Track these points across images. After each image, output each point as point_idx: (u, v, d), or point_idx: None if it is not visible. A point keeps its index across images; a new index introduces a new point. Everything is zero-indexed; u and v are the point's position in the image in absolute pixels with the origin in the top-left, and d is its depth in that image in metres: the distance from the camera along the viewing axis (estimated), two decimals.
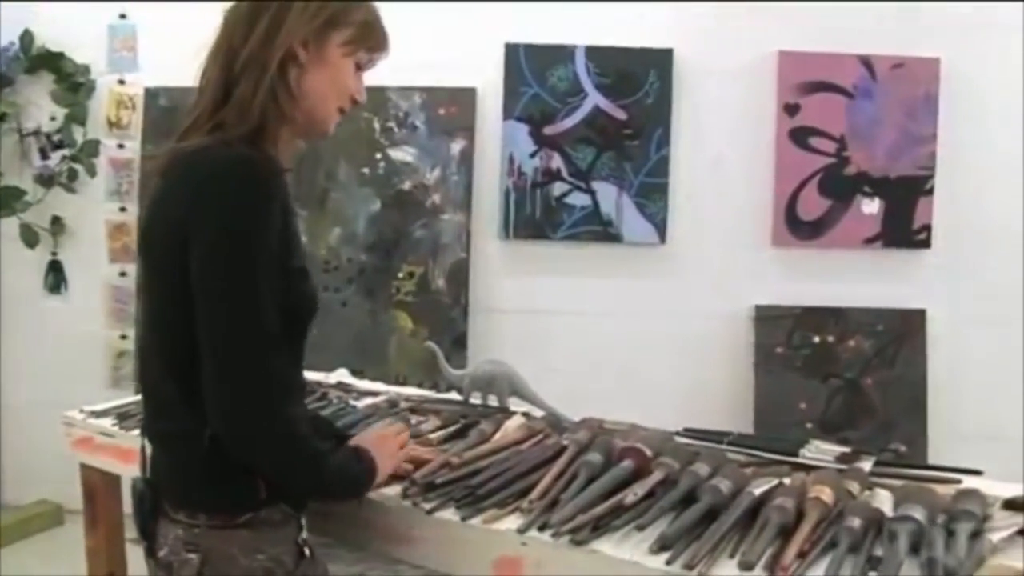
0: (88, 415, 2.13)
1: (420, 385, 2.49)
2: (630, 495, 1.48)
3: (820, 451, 1.80)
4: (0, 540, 3.64)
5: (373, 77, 3.54)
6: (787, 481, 1.59)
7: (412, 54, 3.51)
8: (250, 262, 1.26)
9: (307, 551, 1.41)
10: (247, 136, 1.33)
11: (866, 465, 1.75)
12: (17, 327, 3.91)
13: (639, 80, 3.48)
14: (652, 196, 3.52)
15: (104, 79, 3.78)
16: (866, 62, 3.41)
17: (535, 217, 3.57)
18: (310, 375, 2.44)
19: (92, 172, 3.75)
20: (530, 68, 3.52)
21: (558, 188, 3.55)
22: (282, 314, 1.31)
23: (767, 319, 3.50)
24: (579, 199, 3.55)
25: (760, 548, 1.33)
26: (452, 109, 3.59)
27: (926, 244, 3.46)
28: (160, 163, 1.39)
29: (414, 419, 1.98)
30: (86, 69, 3.75)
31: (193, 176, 1.30)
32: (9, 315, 3.93)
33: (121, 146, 3.76)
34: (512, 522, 1.46)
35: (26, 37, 3.75)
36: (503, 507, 1.51)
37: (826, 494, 1.46)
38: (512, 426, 1.83)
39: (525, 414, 2.07)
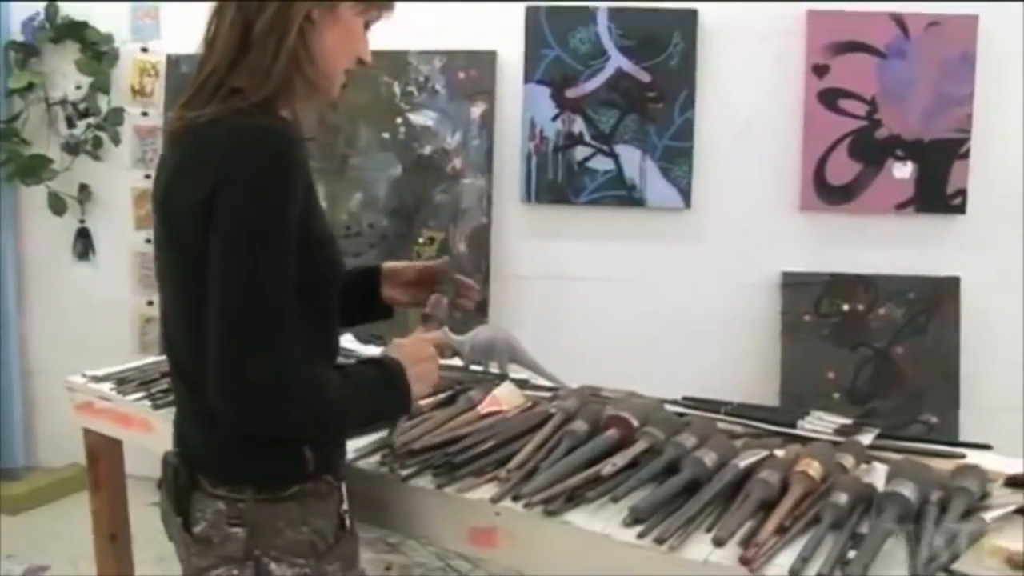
0: (89, 380, 2.14)
1: None
2: (608, 466, 1.44)
3: (820, 423, 1.74)
4: (35, 501, 3.73)
5: (393, 41, 3.53)
6: (780, 454, 1.55)
7: (432, 18, 3.50)
8: (273, 237, 1.22)
9: (347, 522, 1.39)
10: (263, 102, 1.29)
11: (866, 438, 1.69)
12: (46, 294, 3.97)
13: (663, 41, 3.39)
14: (676, 160, 3.44)
15: (127, 48, 3.81)
16: (899, 21, 3.28)
17: (557, 181, 3.51)
18: None
19: (117, 140, 3.77)
20: (551, 30, 3.44)
21: (580, 152, 3.49)
22: (308, 282, 1.29)
23: (794, 286, 3.41)
24: (602, 163, 3.48)
25: (736, 523, 1.29)
26: (472, 72, 3.53)
27: (961, 210, 3.34)
28: (173, 129, 1.35)
29: None
30: (109, 38, 3.77)
31: (216, 148, 1.25)
32: (38, 282, 3.99)
33: (145, 114, 3.78)
34: (488, 491, 1.44)
35: (51, 8, 3.78)
36: (480, 476, 1.49)
37: (814, 468, 1.41)
38: (501, 393, 1.79)
39: (523, 381, 2.04)
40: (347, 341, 2.50)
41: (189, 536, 1.33)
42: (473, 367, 2.13)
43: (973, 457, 1.62)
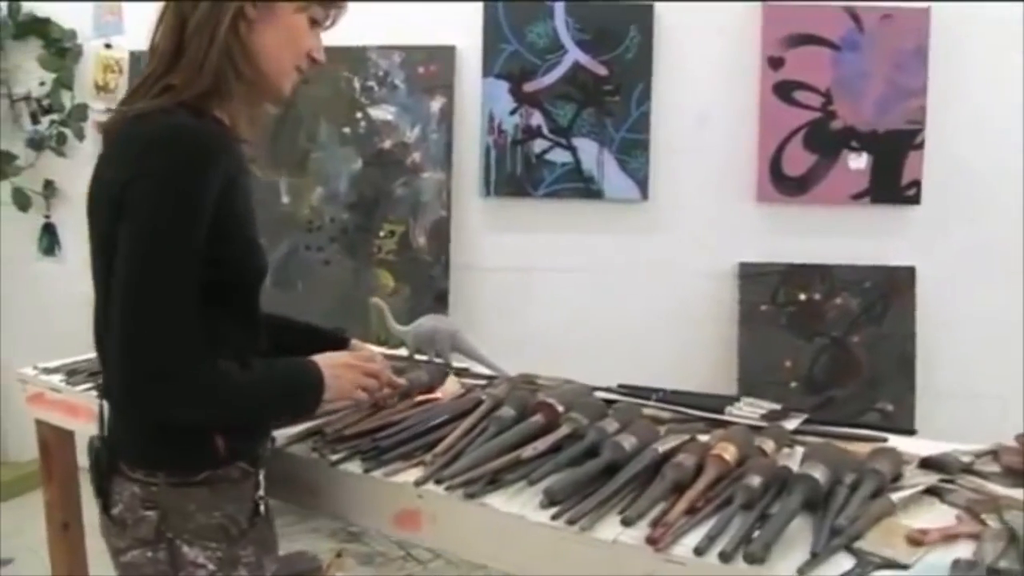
0: (40, 372, 2.16)
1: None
2: (529, 450, 1.47)
3: (748, 409, 1.77)
4: (1, 496, 3.75)
5: (352, 36, 3.55)
6: (705, 439, 1.58)
7: (391, 13, 3.52)
8: (176, 228, 1.24)
9: (262, 509, 1.42)
10: (197, 99, 1.32)
11: (791, 423, 1.72)
12: (12, 289, 3.98)
13: (619, 35, 3.42)
14: (633, 152, 3.47)
15: (91, 44, 3.81)
16: (853, 14, 3.31)
17: (516, 174, 3.54)
18: None
19: (81, 136, 3.78)
20: (509, 25, 3.47)
21: (539, 145, 3.52)
22: (223, 281, 1.31)
23: (752, 276, 3.45)
24: (560, 156, 3.51)
25: (647, 504, 1.32)
26: (431, 67, 3.55)
27: (915, 200, 3.38)
28: (106, 125, 1.38)
29: None
30: (72, 34, 3.79)
31: (132, 143, 1.29)
32: (4, 278, 3.99)
33: (109, 110, 3.77)
34: (414, 475, 1.47)
35: (13, 4, 3.79)
36: (407, 460, 1.52)
37: (729, 452, 1.44)
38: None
39: (464, 370, 2.07)
40: None
41: (108, 518, 1.37)
42: (417, 356, 2.16)
43: (898, 442, 1.65)
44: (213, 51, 1.32)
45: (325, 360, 1.48)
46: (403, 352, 2.19)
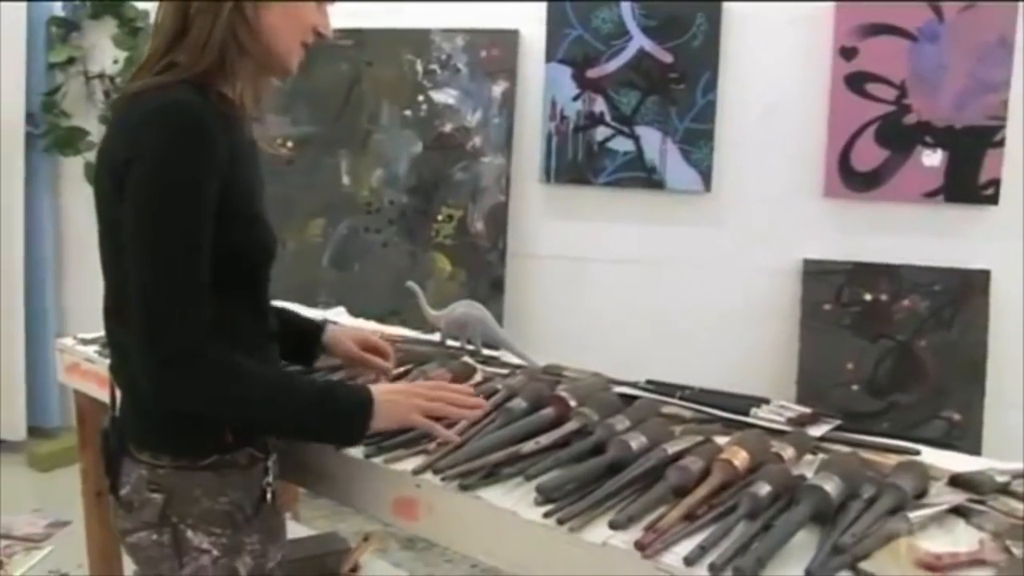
0: (78, 342, 2.20)
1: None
2: (531, 444, 1.43)
3: (776, 411, 1.70)
4: (66, 460, 3.85)
5: (416, 19, 3.53)
6: (722, 441, 1.52)
7: None
8: (178, 210, 1.23)
9: (269, 497, 1.41)
10: (200, 76, 1.31)
11: (819, 429, 1.64)
12: (82, 261, 4.09)
13: (686, 22, 3.33)
14: (697, 142, 3.37)
15: None
16: (933, 3, 3.16)
17: (576, 162, 3.48)
18: (308, 311, 2.48)
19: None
20: (574, 9, 3.41)
21: (601, 133, 3.45)
22: (230, 261, 1.31)
23: (816, 274, 3.33)
24: (622, 144, 3.44)
25: (642, 508, 1.27)
26: (494, 51, 3.52)
27: (993, 200, 3.20)
28: (113, 102, 1.40)
29: None
30: (146, 14, 3.85)
31: (130, 120, 1.29)
32: (74, 250, 4.12)
33: None
34: (415, 463, 1.44)
35: None
36: (410, 447, 1.49)
37: (739, 457, 1.37)
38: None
39: (493, 358, 2.04)
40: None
41: (116, 499, 1.38)
42: (450, 342, 2.14)
43: (935, 456, 1.56)
44: (217, 29, 1.31)
45: (382, 387, 1.43)
46: (436, 337, 2.17)
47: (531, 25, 3.48)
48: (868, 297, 3.30)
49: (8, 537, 3.13)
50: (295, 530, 2.59)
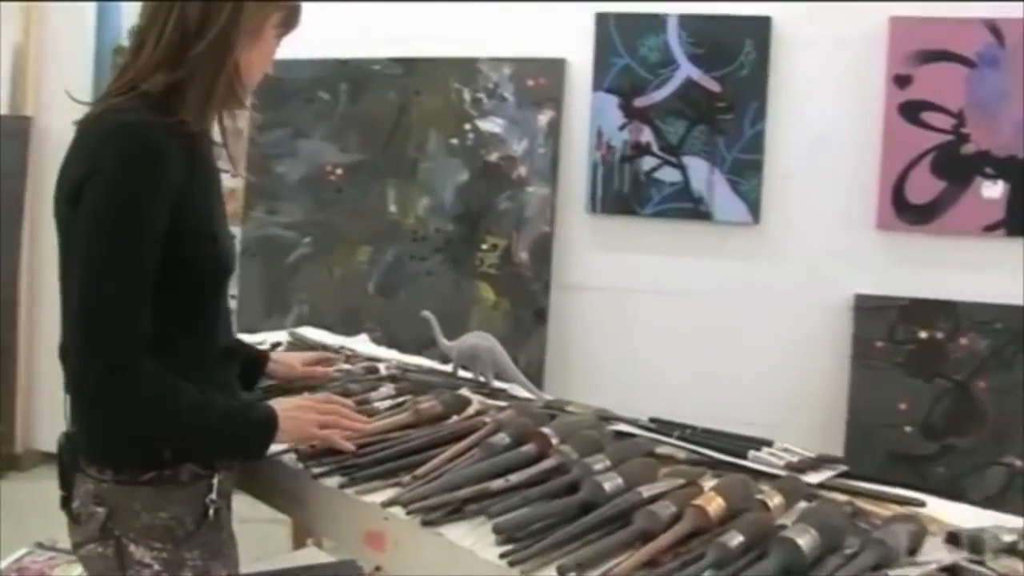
0: None
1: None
2: (500, 481, 1.40)
3: (776, 455, 1.62)
4: None
5: (464, 48, 3.54)
6: (708, 485, 1.45)
7: (502, 25, 3.50)
8: (123, 225, 1.27)
9: (211, 513, 1.42)
10: (163, 96, 1.33)
11: (819, 476, 1.56)
12: None
13: (734, 50, 3.27)
14: (746, 173, 3.30)
15: None
16: (993, 27, 3.04)
17: (623, 192, 3.44)
18: (331, 338, 2.49)
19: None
20: (621, 38, 3.38)
21: (647, 163, 3.41)
22: (182, 275, 1.34)
23: (868, 309, 3.21)
24: (669, 174, 3.39)
25: (601, 552, 1.22)
26: (541, 80, 3.51)
27: None
28: (77, 124, 1.43)
29: (390, 387, 1.94)
30: None
31: (90, 141, 1.33)
32: None
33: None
34: (386, 495, 1.42)
35: None
36: (387, 479, 1.47)
37: (714, 504, 1.30)
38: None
39: (499, 391, 2.01)
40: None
41: (67, 512, 1.41)
42: (461, 373, 2.12)
43: (950, 509, 1.47)
44: (221, 82, 1.35)
45: (280, 402, 1.49)
46: (448, 368, 2.15)
47: (578, 53, 3.46)
48: (923, 334, 3.17)
49: (53, 549, 3.21)
50: (316, 556, 2.60)
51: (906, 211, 3.17)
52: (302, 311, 3.68)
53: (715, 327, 3.40)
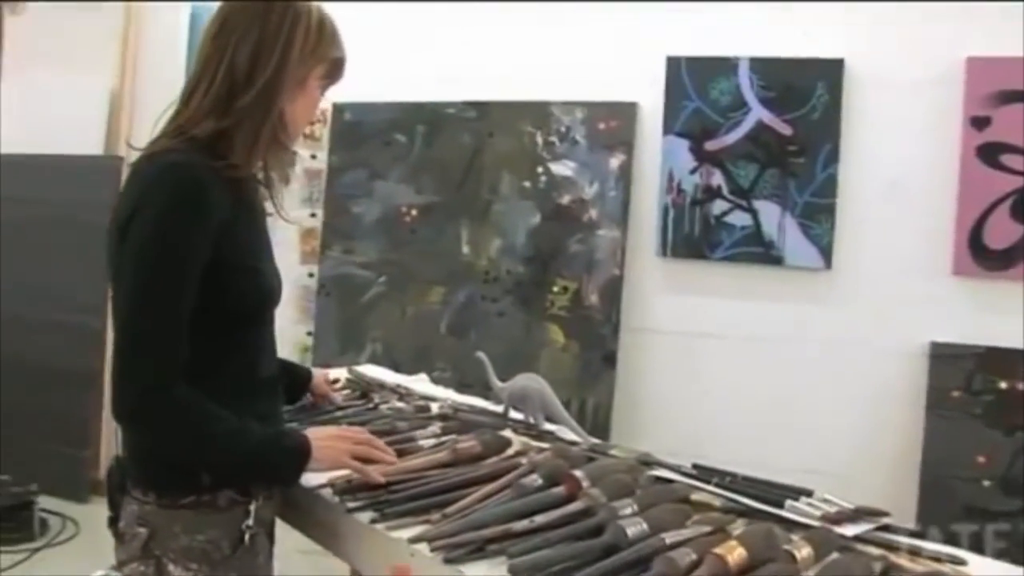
0: None
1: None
2: (524, 522, 1.41)
3: (813, 505, 1.59)
4: None
5: (537, 92, 3.60)
6: (736, 531, 1.44)
7: (574, 69, 3.55)
8: (165, 260, 1.35)
9: (247, 539, 1.47)
10: (212, 139, 1.42)
11: (856, 528, 1.52)
12: None
13: (806, 93, 3.25)
14: (818, 217, 3.26)
15: None
16: None
17: (693, 236, 3.43)
18: (389, 375, 2.54)
19: (287, 180, 4.07)
20: (692, 81, 3.39)
21: (718, 206, 3.39)
22: (227, 306, 1.42)
23: (944, 358, 3.11)
24: (740, 218, 3.37)
25: None
26: (612, 124, 3.54)
27: None
28: (132, 164, 1.53)
29: (437, 426, 1.97)
30: None
31: (140, 180, 1.41)
32: None
33: (313, 156, 4.05)
34: (414, 532, 1.45)
35: None
36: (418, 515, 1.50)
37: (735, 553, 1.29)
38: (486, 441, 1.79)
39: (547, 433, 2.02)
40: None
41: (114, 532, 1.48)
42: (513, 414, 2.14)
43: (984, 567, 1.43)
44: (266, 131, 1.44)
45: (315, 431, 1.57)
46: (499, 408, 2.17)
47: (649, 97, 3.48)
48: (1003, 385, 3.06)
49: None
50: None
51: (984, 256, 3.08)
52: (375, 349, 3.77)
53: (786, 373, 3.35)
